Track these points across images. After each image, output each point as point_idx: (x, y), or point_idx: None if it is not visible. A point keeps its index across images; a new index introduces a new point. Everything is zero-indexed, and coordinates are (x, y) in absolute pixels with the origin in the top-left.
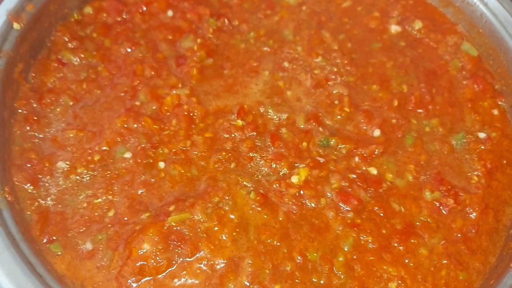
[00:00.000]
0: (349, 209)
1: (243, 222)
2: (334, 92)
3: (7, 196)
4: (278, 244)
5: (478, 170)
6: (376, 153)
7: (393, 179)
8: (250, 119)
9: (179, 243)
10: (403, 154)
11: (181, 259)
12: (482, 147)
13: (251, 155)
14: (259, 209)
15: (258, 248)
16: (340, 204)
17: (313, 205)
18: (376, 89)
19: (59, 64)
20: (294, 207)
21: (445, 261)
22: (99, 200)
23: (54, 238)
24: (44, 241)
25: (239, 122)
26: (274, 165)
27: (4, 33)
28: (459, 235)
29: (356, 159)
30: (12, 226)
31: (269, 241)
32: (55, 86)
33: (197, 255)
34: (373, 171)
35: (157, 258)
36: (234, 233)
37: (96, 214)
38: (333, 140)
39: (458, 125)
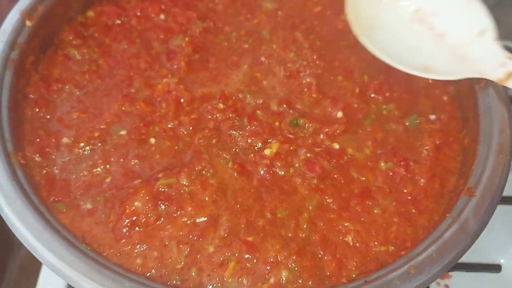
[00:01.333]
0: (314, 175)
1: (222, 186)
2: (304, 82)
3: (20, 159)
4: (252, 204)
5: (428, 145)
6: (338, 131)
7: (353, 152)
8: (230, 103)
9: (166, 203)
10: (362, 132)
11: (167, 215)
12: (433, 127)
13: (230, 132)
14: (236, 176)
15: (234, 207)
16: (306, 172)
17: (283, 173)
18: (341, 79)
19: (65, 59)
20: (266, 175)
21: (396, 219)
22: (98, 169)
23: (59, 199)
24: (51, 200)
25: (221, 105)
26: (250, 140)
27: (18, 28)
28: (409, 197)
29: (321, 136)
30: (24, 182)
31: (244, 202)
32: (62, 76)
33: (182, 211)
34: (336, 146)
35: (148, 214)
36: (214, 196)
37: (95, 180)
38: (301, 120)
39: (412, 109)
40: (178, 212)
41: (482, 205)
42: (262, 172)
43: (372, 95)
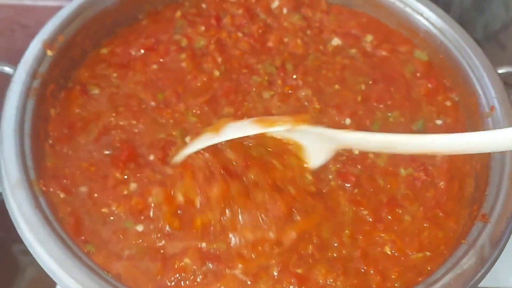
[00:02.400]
0: (349, 185)
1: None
2: (301, 96)
3: (42, 187)
4: (302, 235)
5: None
6: None
7: (373, 158)
8: None
9: (215, 263)
10: None
11: (216, 273)
12: (440, 131)
13: None
14: None
15: (285, 249)
16: (344, 184)
17: (325, 190)
18: (338, 88)
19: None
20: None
21: (426, 224)
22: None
23: (88, 240)
24: (80, 239)
25: None
26: None
27: (40, 58)
28: (433, 202)
29: None
30: (47, 210)
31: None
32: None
33: (231, 270)
34: (355, 151)
35: (196, 272)
36: None
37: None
38: None
39: (417, 115)
40: (227, 270)
41: (498, 232)
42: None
43: (374, 104)
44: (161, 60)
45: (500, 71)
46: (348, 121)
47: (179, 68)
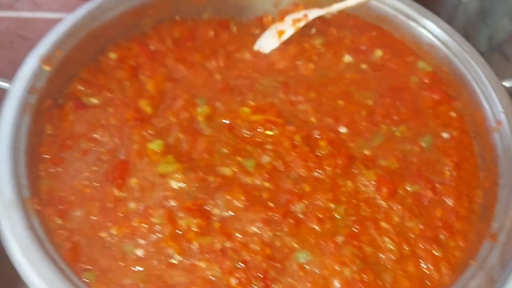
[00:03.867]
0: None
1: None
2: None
3: (36, 206)
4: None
5: (448, 165)
6: None
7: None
8: None
9: None
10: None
11: None
12: (447, 145)
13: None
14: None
15: None
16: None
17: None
18: (342, 104)
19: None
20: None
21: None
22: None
23: (88, 267)
24: (78, 266)
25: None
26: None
27: (37, 73)
28: (439, 223)
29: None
30: (40, 232)
31: None
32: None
33: None
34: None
35: None
36: None
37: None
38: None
39: (423, 129)
40: None
41: (507, 252)
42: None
43: (379, 119)
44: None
45: (506, 84)
46: (343, 129)
47: None
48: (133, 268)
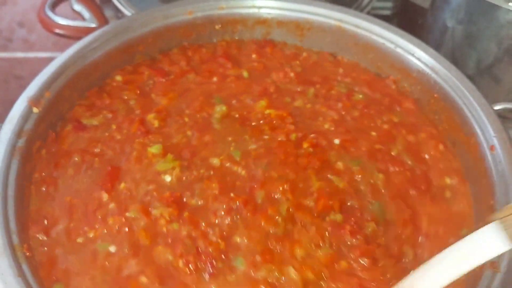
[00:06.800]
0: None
1: None
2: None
3: (25, 252)
4: None
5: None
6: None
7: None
8: None
9: None
10: None
11: None
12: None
13: None
14: None
15: None
16: None
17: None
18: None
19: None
20: None
21: None
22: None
23: (58, 279)
24: (52, 279)
25: None
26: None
27: (25, 116)
28: None
29: None
30: (30, 278)
31: None
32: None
33: None
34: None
35: None
36: None
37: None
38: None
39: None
40: None
41: (509, 281)
42: None
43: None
44: None
45: (496, 107)
46: (337, 141)
47: None
48: (102, 265)
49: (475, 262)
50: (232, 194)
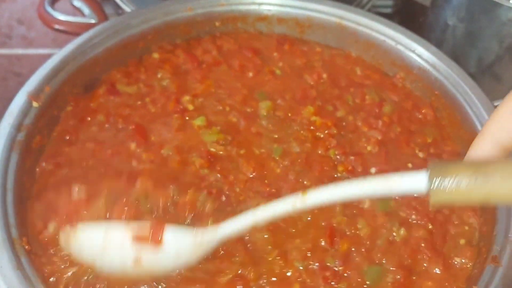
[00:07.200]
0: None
1: None
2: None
3: (24, 245)
4: None
5: None
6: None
7: None
8: None
9: None
10: None
11: None
12: None
13: None
14: None
15: None
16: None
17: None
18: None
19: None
20: None
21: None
22: None
23: None
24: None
25: None
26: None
27: (25, 110)
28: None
29: None
30: (29, 271)
31: None
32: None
33: None
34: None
35: None
36: None
37: None
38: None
39: None
40: None
41: (510, 277)
42: None
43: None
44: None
45: (497, 104)
46: (373, 169)
47: None
48: None
49: (392, 191)
50: (266, 181)
